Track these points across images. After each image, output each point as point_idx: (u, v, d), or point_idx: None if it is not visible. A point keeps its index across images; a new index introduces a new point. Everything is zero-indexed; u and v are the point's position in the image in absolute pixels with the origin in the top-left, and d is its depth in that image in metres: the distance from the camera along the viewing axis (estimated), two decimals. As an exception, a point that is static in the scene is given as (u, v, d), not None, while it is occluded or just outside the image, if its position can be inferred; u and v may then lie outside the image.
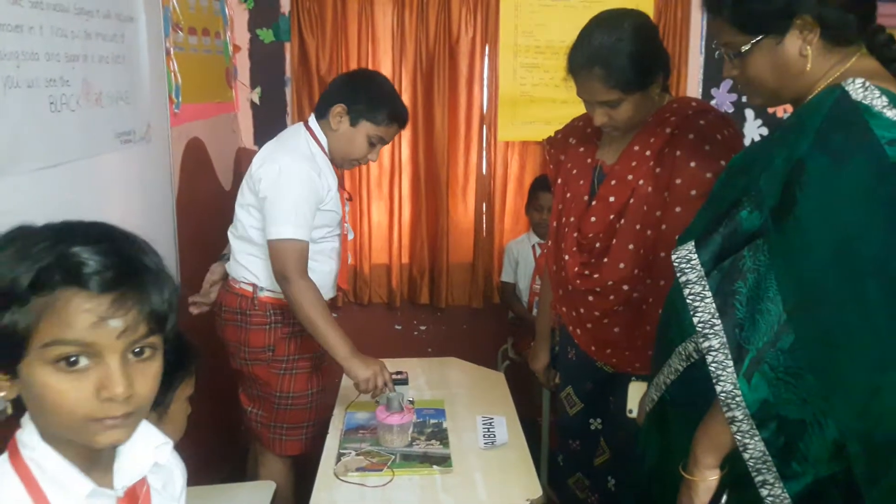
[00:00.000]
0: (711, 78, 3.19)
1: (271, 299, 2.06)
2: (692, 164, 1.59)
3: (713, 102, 3.19)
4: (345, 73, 2.36)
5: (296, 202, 1.95)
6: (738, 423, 1.08)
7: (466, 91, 3.17)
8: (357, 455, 1.79)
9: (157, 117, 2.17)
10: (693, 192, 1.59)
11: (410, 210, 3.28)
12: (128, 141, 1.98)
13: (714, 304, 1.11)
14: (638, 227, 1.66)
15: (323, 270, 2.07)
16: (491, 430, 1.92)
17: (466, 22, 3.09)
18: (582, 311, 1.79)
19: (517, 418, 2.01)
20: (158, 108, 2.19)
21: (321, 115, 2.10)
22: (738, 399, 1.07)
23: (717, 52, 1.27)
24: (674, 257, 1.18)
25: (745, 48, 1.18)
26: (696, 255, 1.15)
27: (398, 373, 2.05)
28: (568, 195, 1.82)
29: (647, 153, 1.66)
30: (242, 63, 3.08)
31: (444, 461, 1.76)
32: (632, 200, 1.67)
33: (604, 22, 1.61)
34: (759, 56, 1.17)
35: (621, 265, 1.68)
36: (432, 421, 1.97)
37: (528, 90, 3.14)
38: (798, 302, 1.05)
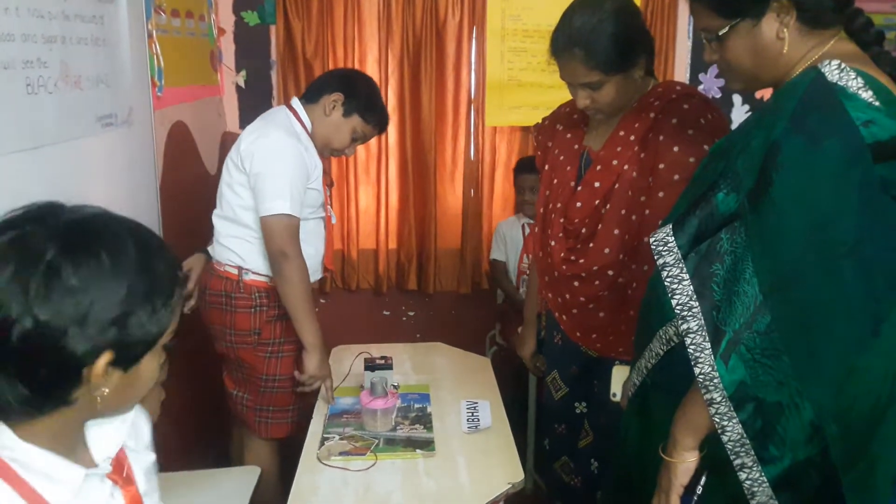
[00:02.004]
0: (699, 63, 3.18)
1: (257, 282, 2.06)
2: (675, 148, 1.59)
3: (701, 88, 3.19)
4: (342, 68, 2.39)
5: (288, 177, 1.95)
6: (716, 405, 1.08)
7: (454, 75, 3.15)
8: (340, 439, 1.79)
9: (139, 101, 2.15)
10: (676, 177, 1.58)
11: (398, 195, 3.27)
12: (109, 124, 1.96)
13: (692, 287, 1.11)
14: (623, 212, 1.66)
15: (309, 252, 2.07)
16: (475, 414, 1.93)
17: (453, 5, 3.07)
18: (567, 296, 1.79)
19: (501, 403, 2.02)
20: (140, 91, 2.16)
21: (311, 100, 2.11)
22: (715, 381, 1.07)
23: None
24: (651, 240, 1.18)
25: (722, 32, 1.17)
26: (673, 238, 1.15)
27: (382, 358, 2.05)
28: (555, 181, 1.82)
29: (632, 138, 1.66)
30: (227, 46, 3.05)
31: (427, 445, 1.76)
32: (617, 186, 1.67)
33: (585, 4, 1.60)
34: (737, 39, 1.17)
35: (606, 250, 1.68)
36: (416, 405, 1.97)
37: (516, 74, 3.13)
38: (774, 283, 1.05)
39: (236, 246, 2.06)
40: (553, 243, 1.78)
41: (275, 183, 1.94)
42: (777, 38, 1.15)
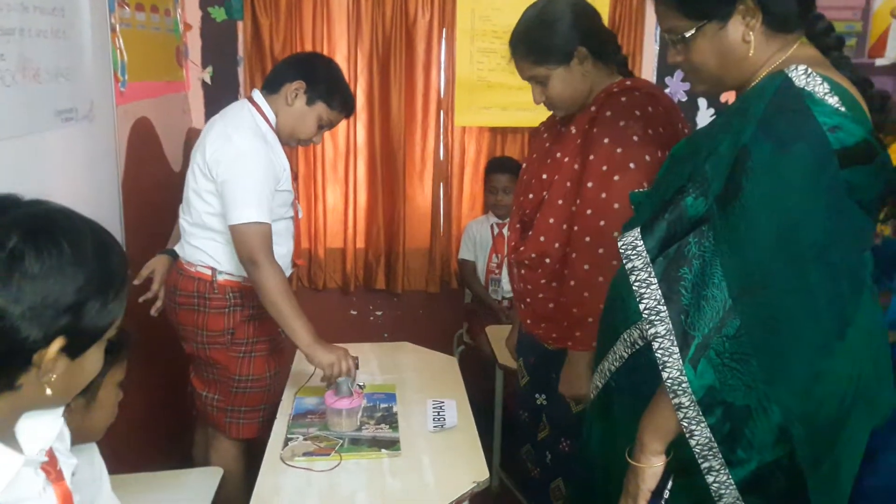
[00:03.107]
0: (666, 66, 3.22)
1: (230, 282, 2.03)
2: (605, 140, 1.62)
3: (667, 91, 3.23)
4: (301, 53, 2.33)
5: (256, 183, 1.92)
6: (685, 410, 1.08)
7: (423, 75, 3.15)
8: (305, 440, 1.78)
9: (101, 95, 2.10)
10: (605, 168, 1.61)
11: (366, 194, 3.26)
12: (69, 119, 1.92)
13: (660, 291, 1.11)
14: (560, 202, 1.70)
15: (280, 252, 2.04)
16: (441, 413, 1.93)
17: (423, 5, 3.07)
18: (521, 285, 1.85)
19: (468, 402, 2.02)
20: (102, 85, 2.12)
21: (272, 90, 2.06)
22: (684, 385, 1.07)
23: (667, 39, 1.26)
24: (620, 244, 1.18)
25: (688, 33, 1.18)
26: (641, 242, 1.15)
27: (348, 357, 2.03)
28: (524, 177, 1.87)
29: (574, 131, 1.71)
30: (194, 42, 3.01)
31: (392, 445, 1.76)
32: (556, 177, 1.71)
33: (534, 4, 1.70)
34: (703, 41, 1.18)
35: (542, 238, 1.73)
36: (382, 405, 1.97)
37: (485, 75, 3.14)
38: (743, 287, 1.06)
39: (209, 248, 2.02)
40: (508, 233, 1.85)
41: (243, 190, 1.91)
42: (743, 41, 1.15)
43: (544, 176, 1.74)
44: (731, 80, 1.21)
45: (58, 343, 0.82)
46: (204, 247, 2.03)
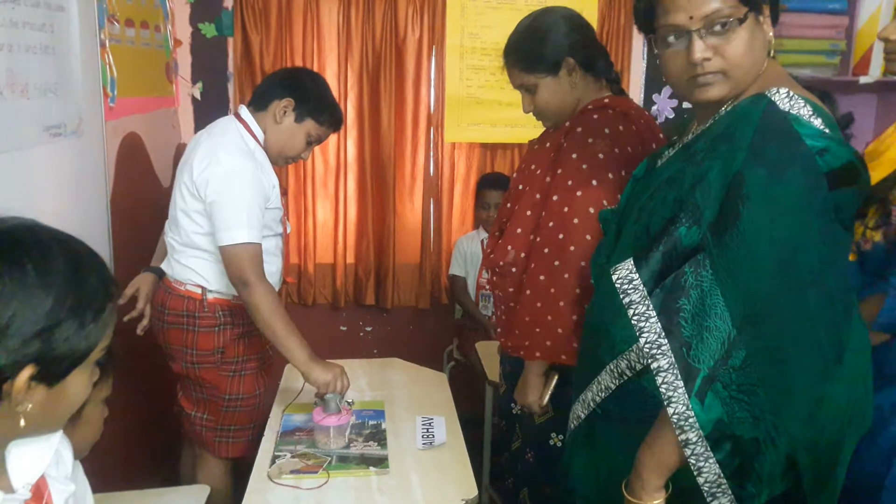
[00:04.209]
0: (653, 83, 3.25)
1: (220, 300, 2.02)
2: (574, 155, 1.65)
3: (654, 108, 3.26)
4: (288, 69, 2.33)
5: (246, 203, 1.90)
6: (692, 446, 1.05)
7: (413, 91, 3.16)
8: (292, 457, 1.76)
9: (89, 111, 2.10)
10: (569, 182, 1.64)
11: (356, 209, 3.26)
12: (57, 134, 1.91)
13: (659, 324, 1.08)
14: (528, 212, 1.72)
15: (270, 270, 2.03)
16: (430, 430, 1.92)
17: (413, 22, 3.09)
18: (494, 292, 1.88)
19: (457, 419, 2.01)
20: (91, 101, 2.12)
21: (260, 107, 2.05)
22: (691, 420, 1.04)
23: (657, 59, 1.23)
24: (615, 277, 1.15)
25: (741, 17, 1.12)
26: (637, 275, 1.12)
27: (337, 374, 2.02)
28: (510, 188, 1.90)
29: (548, 145, 1.75)
30: (184, 58, 3.01)
31: (380, 462, 1.75)
32: (527, 188, 1.74)
33: (530, 13, 1.74)
34: (747, 33, 1.12)
35: (509, 247, 1.74)
36: (371, 422, 1.96)
37: (475, 92, 3.16)
38: (747, 316, 1.04)
39: (198, 266, 2.00)
40: (488, 241, 1.89)
41: (232, 211, 1.89)
42: (768, 42, 1.16)
43: (521, 187, 1.78)
44: (747, 83, 1.16)
45: (27, 371, 0.78)
46: (193, 265, 2.01)
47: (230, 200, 1.89)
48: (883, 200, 1.46)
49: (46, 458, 0.90)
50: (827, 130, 1.06)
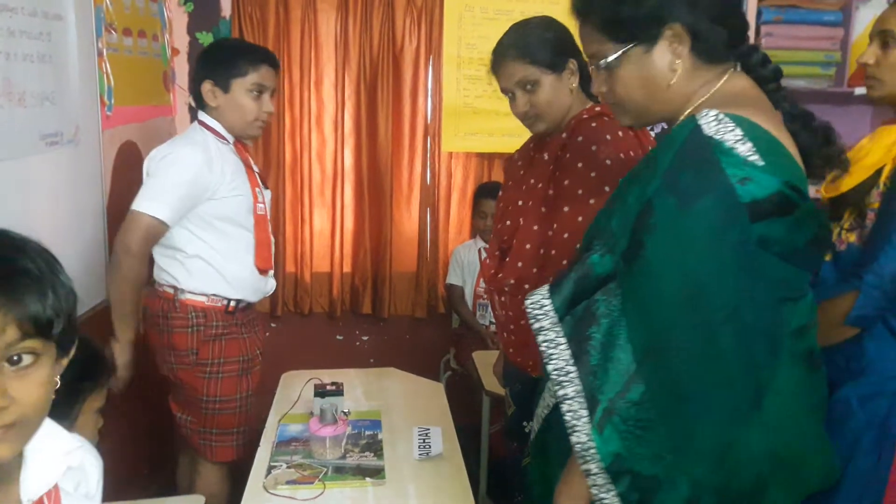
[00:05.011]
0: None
1: (193, 301, 2.03)
2: (579, 164, 1.65)
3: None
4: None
5: (170, 182, 1.93)
6: (593, 477, 1.02)
7: (410, 101, 3.17)
8: (288, 468, 1.75)
9: (86, 119, 2.10)
10: (580, 192, 1.63)
11: (353, 218, 3.26)
12: (54, 143, 1.91)
13: (568, 351, 1.06)
14: (536, 227, 1.71)
15: (232, 270, 2.03)
16: (426, 441, 1.91)
17: (410, 32, 3.10)
18: (502, 313, 1.84)
19: (454, 429, 2.00)
20: (88, 109, 2.12)
21: (202, 106, 2.08)
22: (591, 451, 1.01)
23: (590, 66, 1.21)
24: (527, 303, 1.13)
25: (612, 57, 1.11)
26: (549, 301, 1.10)
27: (333, 384, 2.02)
28: (500, 205, 1.88)
29: (546, 157, 1.73)
30: (181, 66, 3.01)
31: (377, 473, 1.74)
32: (530, 203, 1.73)
33: (528, 18, 1.75)
34: (628, 67, 1.10)
35: (519, 264, 1.73)
36: (367, 432, 1.95)
37: (472, 101, 3.16)
38: (648, 350, 1.00)
39: (169, 266, 2.03)
40: (489, 261, 1.85)
41: (151, 184, 1.95)
42: (669, 69, 1.09)
43: (520, 202, 1.76)
44: (655, 112, 1.14)
45: None
46: (164, 265, 2.04)
47: (156, 175, 1.96)
48: (858, 204, 1.49)
49: (57, 471, 0.88)
50: (754, 157, 0.97)
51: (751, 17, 3.11)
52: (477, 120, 3.17)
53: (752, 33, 3.19)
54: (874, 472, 1.44)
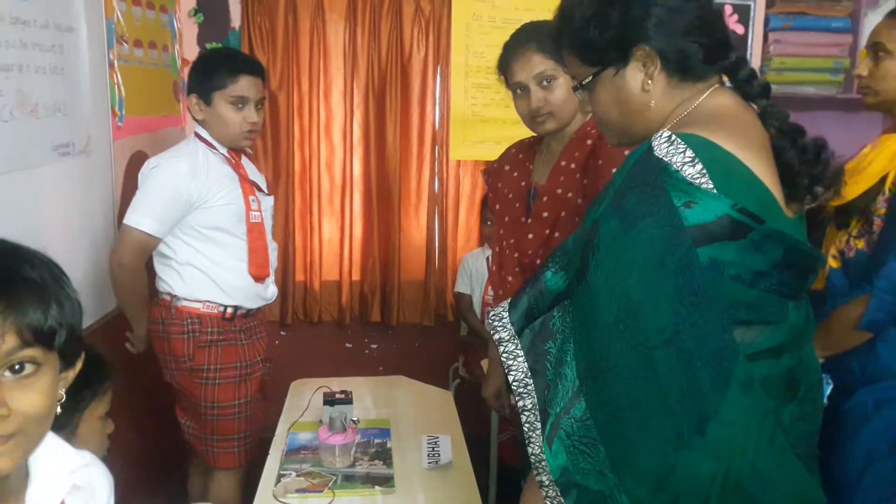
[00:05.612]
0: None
1: (188, 308, 2.05)
2: (614, 170, 1.59)
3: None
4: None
5: (155, 194, 1.97)
6: (546, 489, 1.03)
7: (419, 109, 3.18)
8: (298, 476, 1.76)
9: (98, 130, 2.13)
10: None
11: (362, 227, 3.27)
12: (66, 153, 1.93)
13: (526, 364, 1.08)
14: None
15: (226, 278, 2.04)
16: (436, 449, 1.91)
17: (418, 41, 3.11)
18: None
19: (463, 437, 2.00)
20: (100, 120, 2.15)
21: (196, 121, 2.11)
22: (543, 463, 1.03)
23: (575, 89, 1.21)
24: (489, 315, 1.16)
25: (586, 81, 1.12)
26: (507, 314, 1.13)
27: (342, 392, 2.02)
28: (506, 219, 1.83)
29: (573, 166, 1.69)
30: (191, 77, 3.03)
31: (386, 481, 1.74)
32: (563, 213, 1.68)
33: (532, 21, 1.73)
34: (602, 90, 1.11)
35: None
36: (376, 441, 1.95)
37: (479, 110, 3.17)
38: (588, 369, 1.00)
39: (165, 274, 2.06)
40: (510, 279, 1.78)
41: (140, 196, 1.98)
42: (642, 90, 1.08)
43: (545, 214, 1.70)
44: (637, 132, 1.12)
45: None
46: (162, 273, 2.07)
47: (143, 187, 2.00)
48: (865, 211, 1.51)
49: (62, 491, 0.87)
50: (702, 179, 0.94)
51: (759, 24, 3.11)
52: (485, 128, 3.18)
53: (760, 40, 3.20)
54: (891, 477, 1.43)
